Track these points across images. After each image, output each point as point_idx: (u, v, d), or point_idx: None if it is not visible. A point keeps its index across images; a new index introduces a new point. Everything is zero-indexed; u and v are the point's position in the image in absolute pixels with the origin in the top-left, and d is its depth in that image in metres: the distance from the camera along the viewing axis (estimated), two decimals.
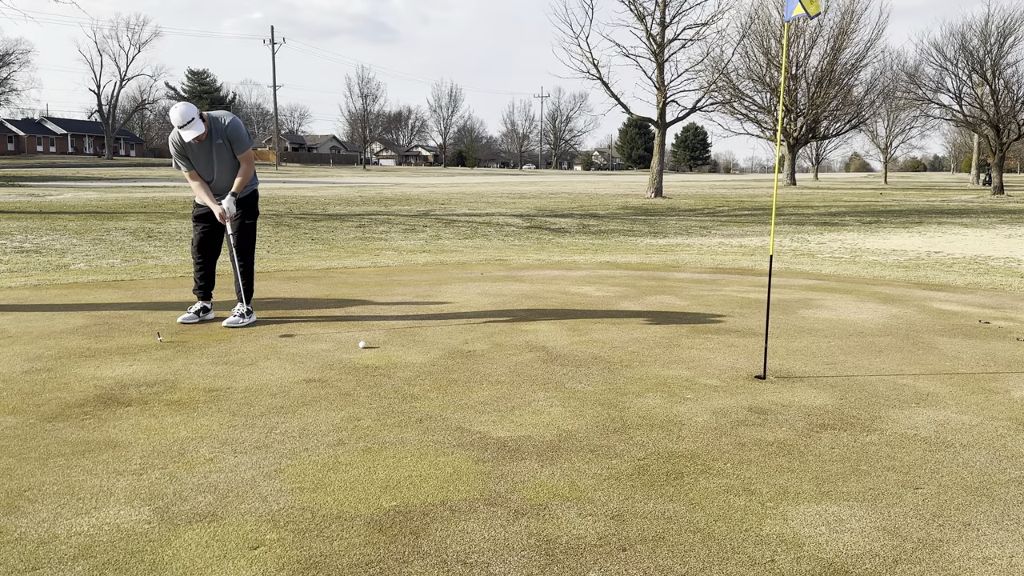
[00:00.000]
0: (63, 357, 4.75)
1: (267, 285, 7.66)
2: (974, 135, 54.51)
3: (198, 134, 5.48)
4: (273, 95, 74.15)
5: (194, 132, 5.45)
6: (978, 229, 17.25)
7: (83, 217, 15.96)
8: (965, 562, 2.44)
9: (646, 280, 8.42)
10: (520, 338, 5.42)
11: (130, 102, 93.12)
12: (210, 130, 5.63)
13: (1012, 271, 9.95)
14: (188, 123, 5.45)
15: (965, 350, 5.27)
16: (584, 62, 32.16)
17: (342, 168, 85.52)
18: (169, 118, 5.59)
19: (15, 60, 70.32)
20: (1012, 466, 3.23)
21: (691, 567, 2.39)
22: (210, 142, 5.66)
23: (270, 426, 3.59)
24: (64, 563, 2.35)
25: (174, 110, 5.47)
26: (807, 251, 12.43)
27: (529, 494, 2.89)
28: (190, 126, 5.46)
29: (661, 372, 4.60)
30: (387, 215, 18.87)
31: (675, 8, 29.65)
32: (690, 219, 20.02)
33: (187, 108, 5.47)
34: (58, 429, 3.50)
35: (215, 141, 5.67)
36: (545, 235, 14.95)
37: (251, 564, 2.36)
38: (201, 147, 5.66)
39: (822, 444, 3.45)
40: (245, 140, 5.77)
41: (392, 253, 11.24)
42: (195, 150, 5.66)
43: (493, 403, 3.97)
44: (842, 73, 46.89)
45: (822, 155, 79.82)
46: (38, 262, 9.54)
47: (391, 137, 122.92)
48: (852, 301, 7.20)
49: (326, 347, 5.08)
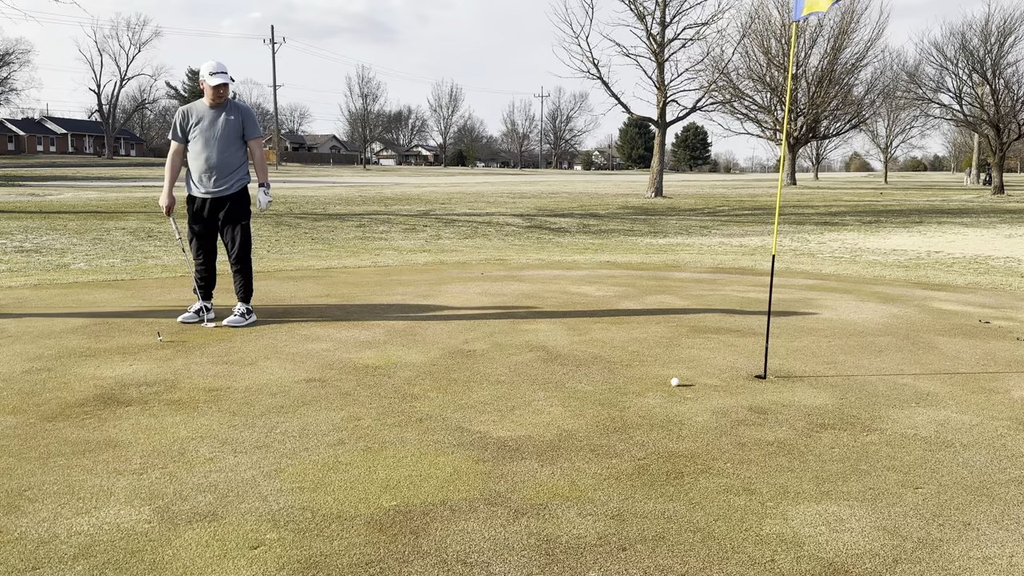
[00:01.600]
0: (63, 357, 4.75)
1: (267, 285, 7.66)
2: (974, 135, 54.51)
3: (225, 83, 5.57)
4: (273, 95, 74.16)
5: (223, 80, 5.54)
6: (978, 229, 17.25)
7: (83, 217, 15.96)
8: (965, 562, 2.44)
9: (646, 280, 8.42)
10: (520, 338, 5.42)
11: (130, 102, 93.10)
12: (227, 102, 5.70)
13: (1012, 271, 9.95)
14: (223, 71, 5.56)
15: (965, 350, 5.27)
16: (584, 62, 32.15)
17: (342, 168, 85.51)
18: (200, 69, 5.57)
19: (15, 60, 70.29)
20: (1012, 466, 3.23)
21: (691, 567, 2.39)
22: (223, 112, 5.66)
23: (270, 426, 3.59)
24: (64, 563, 2.35)
25: (210, 61, 5.58)
26: (807, 251, 12.43)
27: (529, 494, 2.89)
28: (222, 76, 5.55)
29: (661, 372, 4.59)
30: (387, 215, 18.87)
31: (675, 8, 29.65)
32: (690, 219, 20.02)
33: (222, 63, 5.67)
34: (58, 429, 3.51)
35: (229, 115, 5.67)
36: (545, 235, 14.95)
37: (251, 564, 2.36)
38: (211, 116, 5.65)
39: (822, 444, 3.45)
40: (258, 125, 5.90)
41: (392, 253, 11.24)
42: (204, 118, 5.65)
43: (493, 403, 3.97)
44: (842, 73, 46.90)
45: (822, 155, 79.81)
46: (38, 262, 9.54)
47: (391, 137, 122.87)
48: (852, 301, 7.20)
49: (326, 347, 5.08)
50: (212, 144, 5.65)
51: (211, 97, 5.60)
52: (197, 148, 5.67)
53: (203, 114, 5.66)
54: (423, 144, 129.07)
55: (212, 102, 5.62)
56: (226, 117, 5.66)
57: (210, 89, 5.57)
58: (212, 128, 5.65)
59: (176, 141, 5.74)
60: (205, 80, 5.56)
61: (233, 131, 5.70)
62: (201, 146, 5.66)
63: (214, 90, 5.56)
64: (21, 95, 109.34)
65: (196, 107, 5.69)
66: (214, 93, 5.58)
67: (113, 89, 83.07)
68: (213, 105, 5.64)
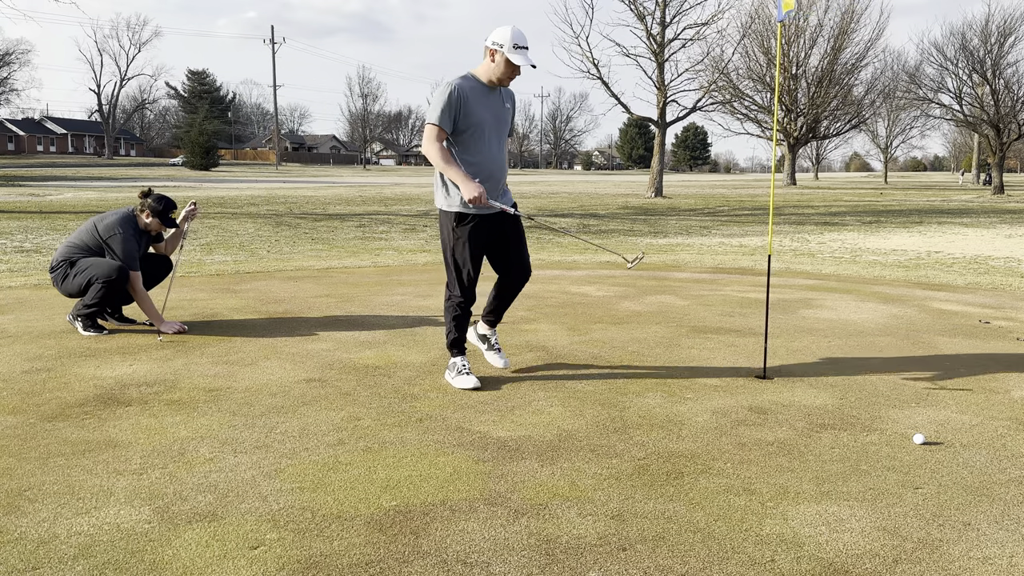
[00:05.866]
0: (63, 357, 4.75)
1: (267, 285, 7.66)
2: (974, 135, 54.53)
3: (533, 64, 4.02)
4: (273, 95, 74.21)
5: (528, 62, 3.98)
6: (978, 229, 17.25)
7: (83, 217, 15.96)
8: (965, 562, 2.44)
9: (646, 280, 8.42)
10: (520, 338, 5.42)
11: (130, 102, 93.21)
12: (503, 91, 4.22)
13: (1012, 271, 9.95)
14: (527, 48, 4.01)
15: (965, 350, 5.27)
16: (584, 62, 32.16)
17: (342, 168, 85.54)
18: (496, 37, 3.95)
19: (15, 60, 70.40)
20: (1012, 466, 3.23)
21: (691, 567, 2.39)
22: (502, 99, 4.19)
23: (270, 426, 3.59)
24: (64, 563, 2.35)
25: (510, 28, 3.99)
26: (807, 251, 12.43)
27: (529, 494, 2.89)
28: (526, 55, 3.99)
29: (661, 372, 4.60)
30: (387, 215, 18.87)
31: (675, 8, 29.70)
32: (690, 219, 20.02)
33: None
34: (58, 429, 3.51)
35: (506, 102, 4.22)
36: (545, 235, 14.94)
37: (251, 564, 2.36)
38: (491, 102, 4.11)
39: (822, 444, 3.45)
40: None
41: (392, 253, 11.25)
42: (481, 105, 4.05)
43: (493, 403, 3.97)
44: (842, 73, 46.94)
45: (822, 155, 79.89)
46: (38, 262, 9.54)
47: (391, 137, 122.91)
48: (852, 301, 7.20)
49: (326, 347, 5.08)
50: (483, 146, 4.12)
51: (501, 73, 4.01)
52: (474, 144, 4.08)
53: (480, 96, 4.07)
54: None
55: (499, 81, 4.05)
56: (504, 107, 4.21)
57: (505, 66, 3.99)
58: (487, 122, 4.10)
59: (443, 128, 3.99)
60: (500, 51, 3.96)
61: (505, 129, 4.29)
62: (481, 142, 4.09)
63: (512, 70, 4.02)
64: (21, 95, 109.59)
65: (470, 85, 4.04)
66: (509, 72, 4.02)
67: (113, 89, 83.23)
68: (497, 85, 4.11)
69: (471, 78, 4.07)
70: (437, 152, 3.99)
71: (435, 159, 4.01)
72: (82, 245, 5.37)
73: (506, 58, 3.96)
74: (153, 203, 5.46)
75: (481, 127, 4.06)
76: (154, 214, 5.48)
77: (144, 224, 5.49)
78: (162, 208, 5.48)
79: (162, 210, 5.48)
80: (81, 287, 5.25)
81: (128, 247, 5.32)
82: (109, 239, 5.32)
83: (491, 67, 4.02)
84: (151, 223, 5.50)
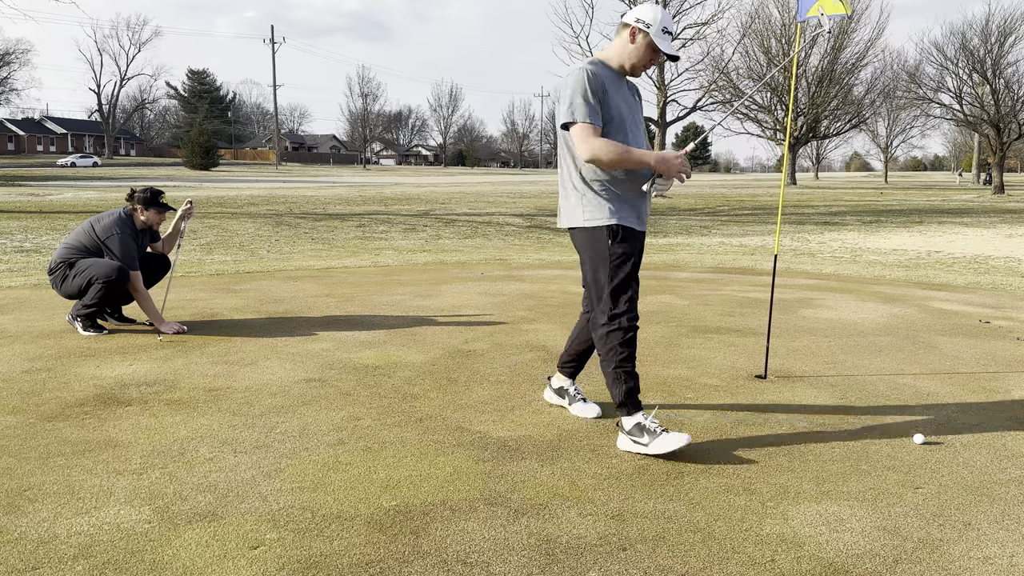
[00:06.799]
0: (63, 357, 4.75)
1: (267, 285, 7.66)
2: (974, 135, 54.52)
3: (676, 54, 3.49)
4: (273, 94, 74.22)
5: (672, 51, 3.41)
6: (978, 229, 17.25)
7: (83, 216, 15.96)
8: (965, 562, 2.44)
9: (646, 280, 8.41)
10: (520, 338, 5.42)
11: (130, 101, 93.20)
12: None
13: (1012, 271, 9.95)
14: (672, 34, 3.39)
15: (965, 350, 5.27)
16: None
17: (342, 167, 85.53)
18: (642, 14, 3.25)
19: (15, 60, 70.35)
20: (1012, 466, 3.23)
21: (691, 567, 2.39)
22: (633, 92, 3.50)
23: (270, 426, 3.59)
24: (64, 563, 2.35)
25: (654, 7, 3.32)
26: (807, 250, 12.43)
27: (529, 494, 2.89)
28: (669, 39, 3.35)
29: (661, 372, 4.59)
30: (387, 215, 18.87)
31: (675, 7, 29.67)
32: (690, 218, 20.02)
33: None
34: (58, 429, 3.50)
35: (634, 92, 3.52)
36: (545, 235, 14.94)
37: (251, 564, 2.36)
38: (625, 94, 3.37)
39: (822, 444, 3.45)
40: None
41: (392, 253, 11.24)
42: (618, 95, 3.30)
43: (493, 403, 3.97)
44: (842, 72, 46.92)
45: (822, 154, 79.87)
46: (38, 262, 9.54)
47: (391, 137, 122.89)
48: (852, 301, 7.20)
49: (326, 347, 5.08)
50: (637, 138, 3.39)
51: (641, 59, 3.32)
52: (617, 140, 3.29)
53: (615, 85, 3.32)
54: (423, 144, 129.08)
55: (632, 69, 3.36)
56: (634, 98, 3.49)
57: (646, 51, 3.30)
58: (625, 115, 3.34)
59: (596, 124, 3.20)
60: (647, 31, 3.27)
61: (641, 122, 3.54)
62: (623, 138, 3.31)
63: (653, 57, 3.34)
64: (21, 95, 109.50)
65: (604, 72, 3.29)
66: (649, 58, 3.34)
67: (113, 89, 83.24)
68: (626, 74, 3.40)
69: (599, 63, 3.31)
70: (604, 147, 3.16)
71: (607, 156, 3.16)
72: (80, 246, 5.37)
73: (650, 42, 3.26)
74: (140, 197, 5.47)
75: (623, 120, 3.29)
76: (146, 206, 5.47)
77: (141, 222, 5.49)
78: (150, 197, 5.48)
79: (151, 199, 5.48)
80: (81, 288, 5.24)
81: (126, 247, 5.31)
82: (107, 240, 5.32)
83: (629, 50, 3.29)
84: (149, 216, 5.50)
